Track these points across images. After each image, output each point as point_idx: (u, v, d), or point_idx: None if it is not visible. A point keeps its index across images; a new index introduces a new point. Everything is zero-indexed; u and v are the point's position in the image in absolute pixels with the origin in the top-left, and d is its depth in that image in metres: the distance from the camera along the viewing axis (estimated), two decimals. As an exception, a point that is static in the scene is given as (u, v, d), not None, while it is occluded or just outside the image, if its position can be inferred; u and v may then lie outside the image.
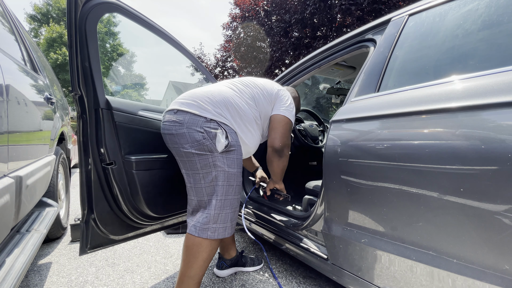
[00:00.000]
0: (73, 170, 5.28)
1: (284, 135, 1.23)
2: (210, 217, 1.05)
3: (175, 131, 1.07)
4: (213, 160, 1.05)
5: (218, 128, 1.06)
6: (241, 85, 1.25)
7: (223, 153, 1.06)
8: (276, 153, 1.24)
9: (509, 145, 0.61)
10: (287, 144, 1.25)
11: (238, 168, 1.12)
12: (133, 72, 23.44)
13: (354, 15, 6.81)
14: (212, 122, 1.06)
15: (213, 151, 1.04)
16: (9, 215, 0.98)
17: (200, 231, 1.05)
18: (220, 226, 1.07)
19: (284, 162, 1.29)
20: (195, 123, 1.05)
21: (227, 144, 1.06)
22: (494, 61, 0.77)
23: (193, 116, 1.06)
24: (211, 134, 1.04)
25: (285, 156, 1.27)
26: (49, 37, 15.63)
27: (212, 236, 1.05)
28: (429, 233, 0.75)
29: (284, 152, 1.25)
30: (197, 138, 1.04)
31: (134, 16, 1.29)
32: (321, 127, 2.38)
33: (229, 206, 1.09)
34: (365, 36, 1.24)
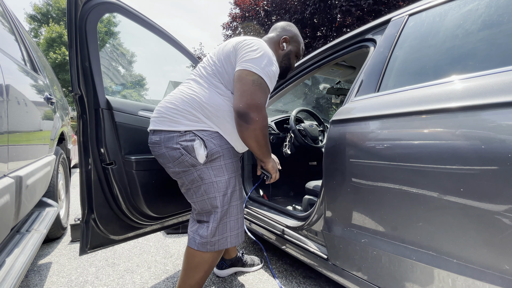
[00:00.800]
0: (73, 170, 5.27)
1: (245, 93, 0.91)
2: (209, 231, 1.00)
3: (157, 152, 1.02)
4: (198, 174, 0.98)
5: (194, 139, 0.96)
6: (202, 70, 1.06)
7: (207, 164, 0.98)
8: (240, 118, 0.92)
9: (509, 145, 0.61)
10: (253, 104, 0.91)
11: (230, 173, 1.02)
12: (133, 72, 23.44)
13: (354, 15, 6.81)
14: (187, 134, 0.97)
15: (195, 164, 0.97)
16: (9, 215, 0.98)
17: (200, 246, 1.01)
18: (219, 238, 1.01)
19: (256, 132, 0.94)
20: (170, 140, 0.98)
21: (207, 153, 0.97)
22: (494, 61, 0.77)
23: (167, 134, 0.98)
24: (188, 148, 0.96)
25: (254, 122, 0.92)
26: (49, 37, 15.63)
27: (212, 249, 1.01)
28: (429, 233, 0.75)
29: (251, 116, 0.91)
30: (175, 155, 0.98)
31: (134, 16, 1.29)
32: (321, 127, 2.38)
33: (227, 215, 1.02)
34: (365, 36, 1.24)
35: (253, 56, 0.95)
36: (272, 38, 1.19)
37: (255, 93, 0.92)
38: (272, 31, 1.23)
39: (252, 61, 0.94)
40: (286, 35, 1.19)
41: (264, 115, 0.95)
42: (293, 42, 1.21)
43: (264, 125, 0.95)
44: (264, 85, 0.95)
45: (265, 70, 0.95)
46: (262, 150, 1.04)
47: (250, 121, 0.92)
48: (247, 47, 0.97)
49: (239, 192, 1.07)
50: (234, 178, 1.05)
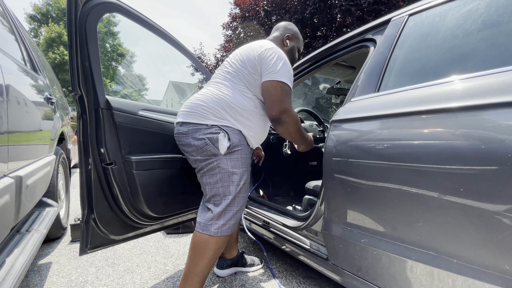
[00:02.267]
0: (73, 170, 5.27)
1: (276, 101, 1.10)
2: (215, 214, 1.10)
3: (184, 141, 1.14)
4: (218, 163, 1.10)
5: (220, 131, 1.09)
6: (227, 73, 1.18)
7: (227, 155, 1.10)
8: (275, 122, 1.13)
9: (509, 145, 0.61)
10: (283, 109, 1.10)
11: (243, 167, 1.14)
12: (133, 72, 23.43)
13: (354, 15, 6.81)
14: (213, 128, 1.09)
15: (217, 154, 1.09)
16: (9, 215, 0.98)
17: (204, 228, 1.10)
18: (223, 223, 1.10)
19: (289, 128, 1.15)
20: (198, 131, 1.10)
21: (229, 145, 1.09)
22: (494, 61, 0.77)
23: (195, 126, 1.11)
24: (212, 139, 1.08)
25: (286, 123, 1.13)
26: (49, 37, 15.63)
27: (216, 233, 1.09)
28: (429, 233, 0.75)
29: (283, 119, 1.11)
30: (200, 145, 1.10)
31: (134, 16, 1.29)
32: (321, 127, 2.38)
33: (235, 204, 1.12)
34: (365, 36, 1.24)
35: (278, 67, 1.11)
36: (277, 37, 1.36)
37: (284, 100, 1.11)
38: (275, 30, 1.40)
39: (278, 72, 1.10)
40: (289, 33, 1.36)
41: (292, 115, 1.14)
42: (294, 38, 1.38)
43: (294, 122, 1.15)
44: (288, 89, 1.14)
45: (287, 76, 1.12)
46: (300, 140, 1.26)
47: (283, 123, 1.12)
48: (270, 57, 1.13)
49: (247, 186, 1.18)
50: (247, 172, 1.16)
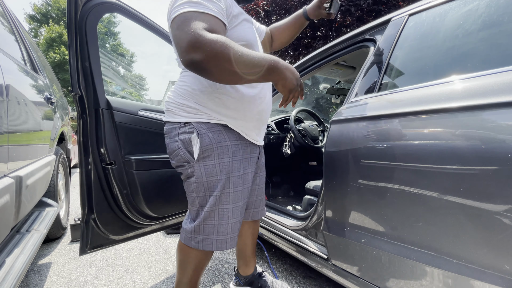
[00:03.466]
0: (73, 170, 5.27)
1: (176, 44, 0.73)
2: (193, 228, 0.95)
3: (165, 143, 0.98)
4: (191, 171, 0.92)
5: (193, 131, 0.89)
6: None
7: (200, 161, 0.90)
8: (195, 69, 0.72)
9: (509, 145, 0.61)
10: (186, 48, 0.69)
11: (222, 174, 0.91)
12: (133, 72, 23.44)
13: (354, 15, 6.81)
14: (186, 126, 0.90)
15: (189, 160, 0.91)
16: (9, 215, 0.98)
17: (186, 239, 0.97)
18: (203, 238, 0.94)
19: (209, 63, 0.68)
20: (172, 131, 0.93)
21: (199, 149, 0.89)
22: (494, 61, 0.77)
23: (170, 125, 0.94)
24: (185, 141, 0.90)
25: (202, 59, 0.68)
26: (49, 37, 15.64)
27: (197, 246, 0.95)
28: (429, 233, 0.75)
29: (196, 59, 0.68)
30: (173, 148, 0.93)
31: (134, 16, 1.29)
32: (321, 127, 2.38)
33: (215, 217, 0.93)
34: (365, 36, 1.24)
35: (173, 4, 0.78)
36: None
37: (180, 34, 0.71)
38: None
39: (173, 9, 0.77)
40: None
41: (207, 44, 0.67)
42: None
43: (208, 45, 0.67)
44: (187, 16, 0.73)
45: (180, 2, 0.76)
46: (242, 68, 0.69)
47: (199, 63, 0.69)
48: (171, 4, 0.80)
49: (234, 195, 0.94)
50: (229, 180, 0.92)
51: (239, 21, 0.88)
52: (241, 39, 0.86)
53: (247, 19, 0.93)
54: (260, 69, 0.70)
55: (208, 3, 0.77)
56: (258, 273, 1.33)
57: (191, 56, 0.69)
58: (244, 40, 0.88)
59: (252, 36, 0.93)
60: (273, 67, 0.72)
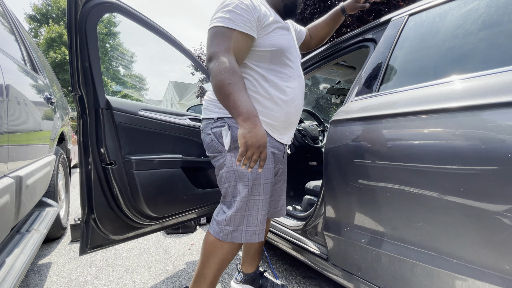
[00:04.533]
0: (73, 170, 5.27)
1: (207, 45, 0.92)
2: (224, 218, 0.99)
3: (202, 138, 1.09)
4: (223, 160, 1.00)
5: (224, 124, 0.99)
6: None
7: (231, 151, 0.97)
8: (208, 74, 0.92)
9: (509, 145, 0.61)
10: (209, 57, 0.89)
11: None
12: (133, 72, 23.45)
13: (354, 15, 6.80)
14: (219, 121, 1.00)
15: (222, 150, 0.99)
16: (9, 215, 0.98)
17: (215, 231, 1.01)
18: (233, 229, 0.97)
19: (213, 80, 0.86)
20: (206, 127, 1.05)
21: (230, 139, 0.96)
22: (494, 61, 0.77)
23: (205, 121, 1.06)
24: (217, 134, 1.00)
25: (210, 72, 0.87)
26: (49, 37, 15.66)
27: (225, 239, 0.98)
28: (429, 233, 0.75)
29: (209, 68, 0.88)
30: (207, 141, 1.04)
31: (134, 16, 1.29)
32: (321, 127, 2.38)
33: (246, 208, 0.97)
34: (365, 36, 1.24)
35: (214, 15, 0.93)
36: None
37: (210, 46, 0.89)
38: None
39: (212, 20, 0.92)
40: None
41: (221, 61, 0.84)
42: None
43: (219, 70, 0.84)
44: (220, 31, 0.88)
45: (220, 17, 0.89)
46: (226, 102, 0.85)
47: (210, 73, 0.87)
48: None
49: (264, 187, 0.99)
50: (265, 171, 0.99)
51: (272, 29, 0.98)
52: (272, 45, 0.98)
53: (281, 27, 1.01)
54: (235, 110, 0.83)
55: (239, 18, 0.89)
56: (260, 272, 1.35)
57: (207, 65, 0.90)
58: (275, 46, 0.98)
59: (284, 42, 1.01)
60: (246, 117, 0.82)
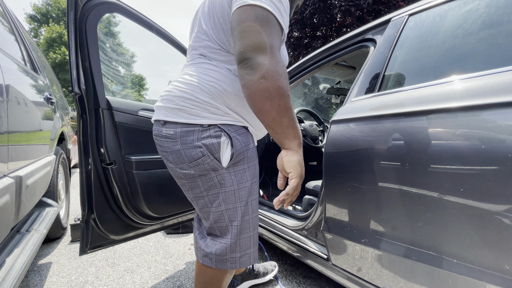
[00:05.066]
0: (73, 170, 5.27)
1: (245, 33, 0.65)
2: (227, 247, 0.83)
3: (169, 148, 0.81)
4: (219, 180, 0.80)
5: (220, 135, 0.77)
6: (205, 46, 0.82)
7: (230, 167, 0.80)
8: (242, 68, 0.65)
9: (509, 145, 0.61)
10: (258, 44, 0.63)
11: (252, 178, 0.84)
12: (133, 72, 23.46)
13: (353, 15, 6.81)
14: (211, 129, 0.77)
15: (217, 168, 0.78)
16: (9, 215, 0.98)
17: (218, 263, 0.85)
18: (241, 255, 0.84)
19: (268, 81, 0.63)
20: (190, 135, 0.78)
21: (232, 154, 0.78)
22: (494, 61, 0.77)
23: (186, 127, 0.78)
24: (212, 147, 0.77)
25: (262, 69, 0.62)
26: (49, 37, 15.67)
27: (233, 267, 0.85)
28: (429, 233, 0.75)
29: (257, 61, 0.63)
30: (194, 156, 0.78)
31: (134, 16, 1.29)
32: (321, 127, 2.38)
33: (248, 228, 0.85)
34: (365, 36, 1.24)
35: None
36: None
37: (261, 30, 0.64)
38: None
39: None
40: None
41: (278, 60, 0.64)
42: None
43: (279, 72, 0.63)
44: (273, 20, 0.66)
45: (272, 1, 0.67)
46: (282, 119, 0.66)
47: (256, 67, 0.62)
48: None
49: (257, 199, 0.88)
50: (256, 183, 0.86)
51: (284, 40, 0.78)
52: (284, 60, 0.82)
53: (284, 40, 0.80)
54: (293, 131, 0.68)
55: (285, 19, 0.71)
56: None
57: (254, 54, 0.63)
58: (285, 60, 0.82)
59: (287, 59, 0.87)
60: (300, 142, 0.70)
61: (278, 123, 0.67)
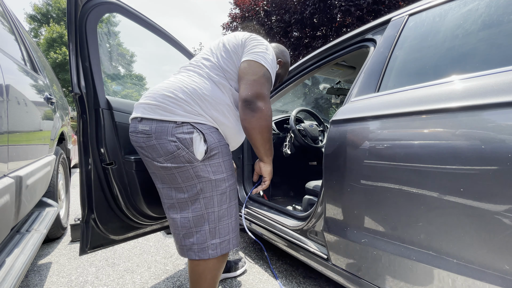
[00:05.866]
0: (73, 170, 5.27)
1: (252, 82, 0.91)
2: (206, 234, 0.91)
3: (144, 143, 0.91)
4: (195, 171, 0.89)
5: (193, 131, 0.88)
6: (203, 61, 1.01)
7: (205, 160, 0.90)
8: (246, 106, 0.89)
9: (509, 145, 0.61)
10: (260, 94, 0.90)
11: (227, 171, 0.96)
12: (133, 72, 23.46)
13: (353, 15, 6.81)
14: (184, 126, 0.88)
15: (192, 161, 0.88)
16: (9, 215, 0.98)
17: (200, 252, 0.91)
18: (221, 240, 0.93)
19: (261, 121, 0.90)
20: (164, 131, 0.88)
21: (206, 149, 0.89)
22: (494, 61, 0.77)
23: (160, 123, 0.88)
24: (185, 142, 0.87)
25: (260, 111, 0.89)
26: (49, 37, 15.67)
27: (215, 254, 0.92)
28: (429, 233, 0.75)
29: (258, 105, 0.89)
30: (170, 149, 0.87)
31: (134, 16, 1.29)
32: (321, 127, 2.38)
33: (226, 215, 0.95)
34: (365, 36, 1.24)
35: (262, 50, 0.97)
36: None
37: (264, 84, 0.93)
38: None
39: (261, 54, 0.96)
40: (282, 58, 1.25)
41: (269, 107, 0.94)
42: (284, 67, 1.28)
43: (269, 115, 0.93)
44: (270, 79, 0.97)
45: (271, 65, 0.98)
46: (265, 145, 0.98)
47: (257, 110, 0.89)
48: (255, 41, 1.00)
49: (235, 192, 1.01)
50: (231, 176, 0.99)
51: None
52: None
53: None
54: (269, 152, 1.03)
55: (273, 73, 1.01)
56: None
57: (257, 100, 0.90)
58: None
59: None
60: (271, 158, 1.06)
61: (262, 147, 0.98)
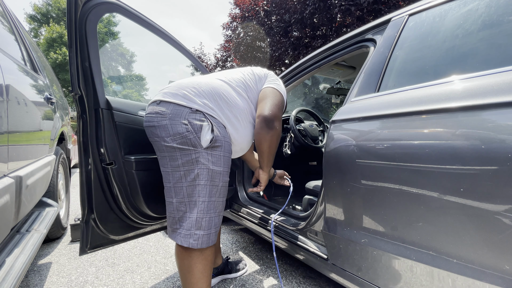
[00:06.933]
0: (73, 170, 5.28)
1: (274, 105, 1.08)
2: (193, 222, 0.95)
3: (157, 123, 0.98)
4: (196, 156, 0.95)
5: (204, 120, 0.96)
6: (232, 73, 1.18)
7: (208, 149, 0.96)
8: (265, 123, 1.05)
9: (509, 145, 0.61)
10: (278, 117, 1.07)
11: (225, 166, 1.01)
12: (132, 72, 23.46)
13: (354, 15, 6.81)
14: (198, 113, 0.96)
15: (197, 146, 0.94)
16: (9, 215, 0.98)
17: (184, 238, 0.95)
18: (204, 233, 0.96)
19: (273, 138, 1.07)
20: (179, 114, 0.96)
21: (212, 138, 0.95)
22: (494, 61, 0.77)
23: (177, 107, 0.97)
24: (195, 127, 0.94)
25: (275, 130, 1.06)
26: (49, 37, 15.67)
27: (195, 245, 0.94)
28: (429, 233, 0.75)
29: (275, 125, 1.05)
30: (180, 130, 0.94)
31: (134, 16, 1.29)
32: (321, 127, 2.38)
33: (213, 209, 0.98)
34: (365, 36, 1.24)
35: (280, 83, 1.21)
36: None
37: (281, 110, 1.12)
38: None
39: (281, 86, 1.20)
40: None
41: (280, 126, 1.10)
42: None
43: (280, 135, 1.10)
44: (283, 107, 1.16)
45: (285, 96, 1.22)
46: (269, 157, 1.16)
47: (273, 128, 1.06)
48: (274, 77, 1.25)
49: (226, 189, 1.05)
50: (226, 174, 1.03)
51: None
52: None
53: None
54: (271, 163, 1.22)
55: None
56: (224, 259, 1.51)
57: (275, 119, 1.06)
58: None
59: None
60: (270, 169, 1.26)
61: (266, 157, 1.16)
